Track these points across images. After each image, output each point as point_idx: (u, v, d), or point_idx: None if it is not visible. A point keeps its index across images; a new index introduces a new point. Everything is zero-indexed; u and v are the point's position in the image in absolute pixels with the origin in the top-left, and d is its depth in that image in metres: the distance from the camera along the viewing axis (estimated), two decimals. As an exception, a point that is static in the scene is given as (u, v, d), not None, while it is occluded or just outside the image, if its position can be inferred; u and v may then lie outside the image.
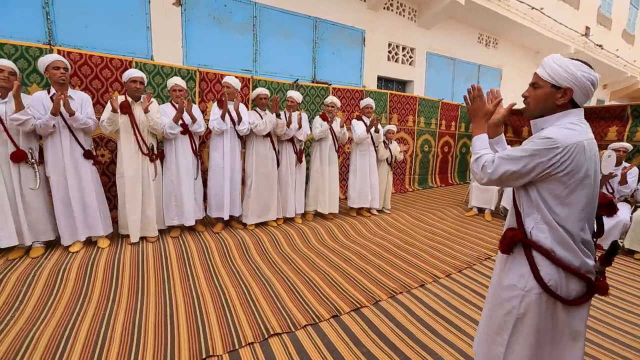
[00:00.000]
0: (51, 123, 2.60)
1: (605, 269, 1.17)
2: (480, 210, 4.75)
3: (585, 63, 1.13)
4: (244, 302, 2.27)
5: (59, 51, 3.25)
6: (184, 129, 3.21)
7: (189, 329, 1.97)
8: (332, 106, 4.00)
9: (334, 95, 5.25)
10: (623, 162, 3.74)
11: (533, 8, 7.97)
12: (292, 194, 3.86)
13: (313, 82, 5.43)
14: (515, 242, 1.20)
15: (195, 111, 3.27)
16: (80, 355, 1.72)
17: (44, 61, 2.66)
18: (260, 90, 3.58)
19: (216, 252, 3.00)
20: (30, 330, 1.90)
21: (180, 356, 1.74)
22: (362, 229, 3.91)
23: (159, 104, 3.31)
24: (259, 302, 2.28)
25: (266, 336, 1.92)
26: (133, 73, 2.95)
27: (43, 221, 2.77)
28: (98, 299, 2.27)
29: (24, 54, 3.14)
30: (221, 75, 4.23)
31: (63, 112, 2.67)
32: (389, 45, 6.66)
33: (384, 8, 6.37)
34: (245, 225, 3.63)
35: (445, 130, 7.07)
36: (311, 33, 5.39)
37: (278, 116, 3.48)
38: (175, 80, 3.19)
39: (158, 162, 3.19)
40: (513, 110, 1.36)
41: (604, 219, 1.23)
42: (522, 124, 6.07)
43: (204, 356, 1.75)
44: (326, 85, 5.22)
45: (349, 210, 4.38)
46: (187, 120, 3.20)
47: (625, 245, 3.45)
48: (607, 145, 3.90)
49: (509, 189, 4.32)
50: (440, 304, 2.38)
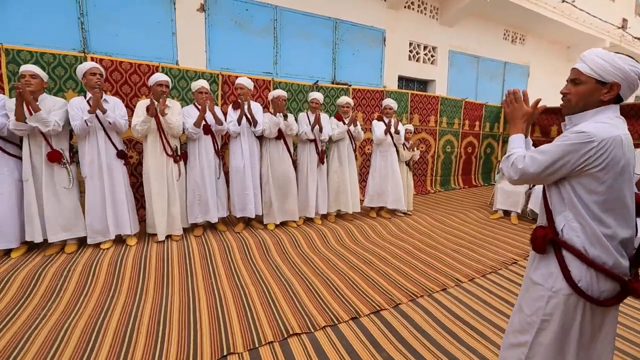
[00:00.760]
0: (87, 122, 2.75)
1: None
2: (506, 213, 4.58)
3: (628, 56, 1.08)
4: (264, 302, 2.31)
5: (92, 58, 3.43)
6: (207, 130, 3.30)
7: (210, 325, 2.02)
8: (347, 106, 3.99)
9: (354, 96, 5.24)
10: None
11: (564, 1, 7.62)
12: (313, 195, 3.87)
13: (333, 84, 5.43)
14: (548, 242, 1.15)
15: (218, 112, 3.36)
16: (110, 346, 1.81)
17: (82, 68, 2.82)
18: (278, 92, 3.61)
19: (237, 252, 3.06)
20: (66, 321, 2.02)
21: (203, 351, 1.79)
22: (382, 231, 3.87)
23: (183, 107, 3.43)
24: (278, 302, 2.31)
25: (285, 336, 1.94)
26: (159, 77, 3.07)
27: (76, 219, 2.93)
28: (126, 293, 2.37)
29: (61, 62, 3.34)
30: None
31: (98, 113, 2.83)
32: (410, 44, 6.56)
33: (405, 7, 6.29)
34: (265, 226, 3.68)
35: (469, 130, 6.87)
36: (331, 34, 5.40)
37: (285, 117, 3.50)
38: (201, 83, 3.29)
39: (182, 163, 3.30)
40: (541, 109, 1.30)
41: (637, 220, 1.16)
42: (550, 123, 5.81)
43: (224, 353, 1.79)
44: (346, 86, 5.21)
45: (369, 212, 4.35)
46: (210, 120, 3.29)
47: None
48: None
49: (538, 191, 4.17)
50: (463, 308, 2.31)
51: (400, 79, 6.62)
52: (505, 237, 3.77)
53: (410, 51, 6.62)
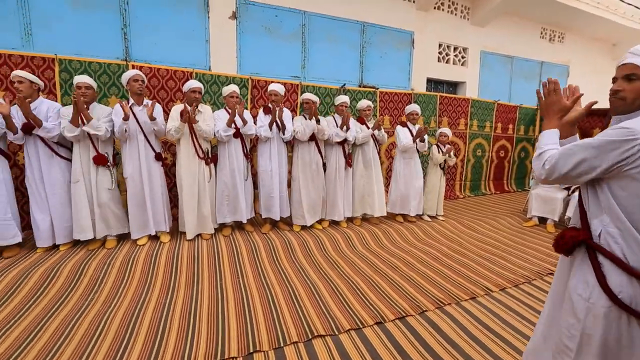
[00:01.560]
0: (124, 128, 2.94)
1: None
2: (542, 220, 4.35)
3: None
4: (289, 302, 2.35)
5: (133, 66, 3.66)
6: (236, 133, 3.41)
7: (238, 322, 2.09)
8: (369, 109, 3.97)
9: (381, 99, 5.21)
10: None
11: (608, -4, 7.14)
12: (339, 198, 3.89)
13: (360, 87, 5.43)
14: (576, 243, 1.07)
15: (246, 115, 3.46)
16: (145, 336, 1.92)
17: (126, 75, 3.02)
18: (305, 95, 3.67)
19: (264, 252, 3.13)
20: (106, 311, 2.16)
21: (230, 347, 1.85)
22: (409, 236, 3.80)
23: (214, 111, 3.57)
24: (303, 303, 2.34)
25: (310, 337, 1.97)
26: (193, 84, 3.21)
27: (116, 217, 3.13)
28: (160, 287, 2.50)
29: (106, 70, 3.59)
30: (271, 82, 4.43)
31: (139, 117, 3.04)
32: (440, 45, 6.42)
33: (435, 8, 6.17)
34: (291, 227, 3.74)
35: (502, 133, 6.60)
36: (358, 37, 5.41)
37: (318, 122, 3.53)
38: (232, 87, 3.40)
39: (212, 165, 3.43)
40: (589, 106, 1.22)
41: None
42: (592, 126, 5.46)
43: (251, 350, 1.84)
44: (373, 89, 5.19)
45: (395, 216, 4.29)
46: (239, 124, 3.41)
47: None
48: None
49: (576, 197, 3.93)
50: (493, 319, 2.23)
51: (429, 81, 6.48)
52: (540, 246, 3.59)
53: (440, 53, 6.48)
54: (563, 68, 8.24)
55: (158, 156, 3.19)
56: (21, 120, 2.75)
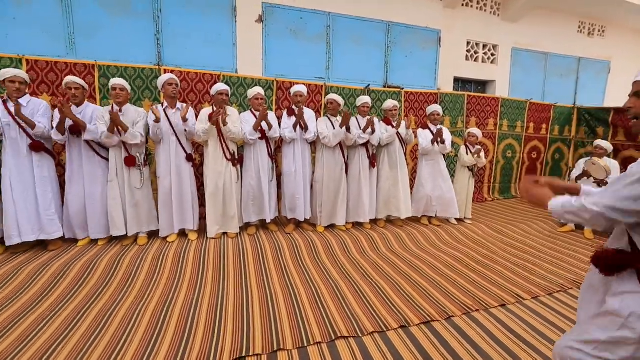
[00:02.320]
0: (156, 130, 3.07)
1: None
2: (579, 226, 4.11)
3: None
4: (313, 302, 2.36)
5: (165, 70, 3.82)
6: (262, 135, 3.48)
7: (262, 320, 2.12)
8: (395, 109, 3.91)
9: (406, 99, 5.13)
10: None
11: (656, -14, 6.63)
12: (363, 199, 3.87)
13: (385, 87, 5.37)
14: (625, 266, 1.00)
15: (271, 118, 3.52)
16: (175, 330, 1.99)
17: (161, 79, 3.17)
18: (330, 96, 3.68)
19: (288, 252, 3.17)
20: (138, 304, 2.27)
21: (255, 344, 1.89)
22: (435, 239, 3.72)
23: (240, 113, 3.65)
24: (327, 304, 2.34)
25: (333, 338, 1.97)
26: (220, 87, 3.30)
27: (147, 215, 3.28)
28: (188, 283, 2.60)
29: (140, 74, 3.78)
30: (295, 83, 4.48)
31: (171, 119, 3.18)
32: (468, 43, 6.23)
33: (463, 5, 6.00)
34: (315, 228, 3.76)
35: (534, 133, 6.30)
36: (383, 37, 5.36)
37: (348, 130, 3.52)
38: (257, 90, 3.47)
39: (239, 167, 3.51)
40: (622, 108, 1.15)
41: None
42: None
43: (275, 348, 1.87)
44: (398, 90, 5.12)
45: (420, 218, 4.21)
46: (265, 126, 3.47)
47: None
48: None
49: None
50: (525, 328, 2.13)
51: (456, 80, 6.30)
52: (576, 254, 3.39)
53: (468, 51, 6.28)
54: (603, 64, 7.75)
55: (189, 157, 3.32)
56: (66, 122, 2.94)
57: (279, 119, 3.68)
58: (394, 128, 3.84)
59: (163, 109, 3.16)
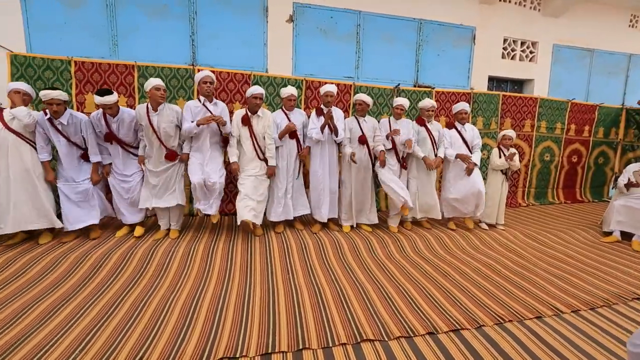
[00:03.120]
0: (194, 132, 3.16)
1: None
2: (625, 236, 3.81)
3: None
4: (338, 303, 2.35)
5: (198, 70, 3.95)
6: (292, 134, 3.51)
7: (288, 318, 2.14)
8: (432, 110, 3.80)
9: (437, 99, 4.98)
10: None
11: None
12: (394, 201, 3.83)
13: (415, 86, 5.24)
14: None
15: (302, 118, 3.53)
16: (203, 322, 2.05)
17: (198, 77, 3.23)
18: (359, 96, 3.64)
19: (313, 251, 3.18)
20: (169, 296, 2.36)
21: (281, 341, 1.90)
22: (463, 243, 3.59)
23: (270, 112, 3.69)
24: (352, 305, 2.32)
25: (359, 340, 1.95)
26: (255, 90, 3.32)
27: (179, 210, 3.40)
28: (217, 277, 2.67)
29: (175, 74, 3.93)
30: (324, 83, 4.48)
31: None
32: (505, 41, 5.95)
33: (500, 0, 5.73)
34: (341, 228, 3.74)
35: (575, 136, 5.92)
36: (415, 36, 5.23)
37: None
38: (291, 91, 3.48)
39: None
40: None
41: None
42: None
43: (300, 347, 1.88)
44: (429, 89, 4.98)
45: (448, 222, 4.08)
46: (299, 127, 3.52)
47: None
48: None
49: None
50: (563, 342, 2.01)
51: (491, 79, 6.04)
52: (622, 266, 3.15)
53: (505, 48, 6.00)
54: (657, 61, 7.13)
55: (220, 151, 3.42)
56: (103, 129, 3.13)
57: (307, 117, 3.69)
58: (428, 130, 3.76)
59: (202, 103, 3.23)
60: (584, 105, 5.89)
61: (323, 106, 3.57)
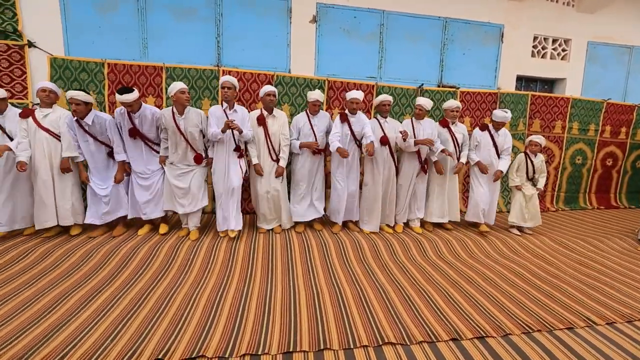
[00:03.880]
0: (218, 137, 3.20)
1: None
2: (666, 245, 3.58)
3: None
4: (359, 304, 2.34)
5: (223, 71, 4.04)
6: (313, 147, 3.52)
7: (309, 317, 2.15)
8: (457, 110, 3.70)
9: (462, 99, 4.86)
10: None
11: None
12: (413, 203, 3.79)
13: (439, 86, 5.13)
14: None
15: (327, 121, 3.52)
16: (227, 317, 2.09)
17: (220, 81, 3.23)
18: (383, 97, 3.59)
19: (334, 252, 3.18)
20: (194, 292, 2.43)
21: (302, 341, 1.91)
22: (488, 248, 3.48)
23: (292, 112, 3.72)
24: (373, 307, 2.30)
25: (380, 343, 1.93)
26: (267, 88, 3.35)
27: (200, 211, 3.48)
28: (239, 275, 2.72)
29: (201, 75, 4.03)
30: (347, 83, 4.47)
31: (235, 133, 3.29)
32: (535, 38, 5.71)
33: (531, -3, 5.50)
34: (361, 229, 3.72)
35: (610, 138, 5.62)
36: (440, 34, 5.12)
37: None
38: (316, 96, 3.44)
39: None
40: None
41: None
42: None
43: (321, 347, 1.88)
44: (453, 89, 4.87)
45: (470, 225, 3.98)
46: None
47: None
48: None
49: None
50: (596, 355, 1.91)
51: (519, 79, 5.82)
52: (663, 277, 2.96)
53: (535, 46, 5.76)
54: None
55: (240, 154, 3.44)
56: (127, 125, 3.19)
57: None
58: (451, 132, 3.68)
59: (223, 109, 3.26)
60: (621, 106, 5.58)
61: (348, 112, 3.53)
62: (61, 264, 2.75)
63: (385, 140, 3.54)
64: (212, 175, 3.37)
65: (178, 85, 3.06)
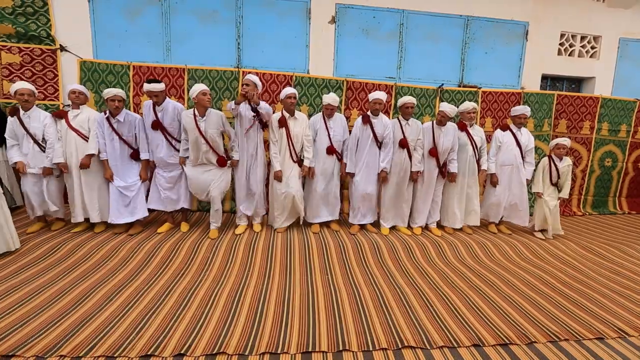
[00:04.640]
0: (232, 107, 3.25)
1: None
2: None
3: None
4: (378, 307, 2.32)
5: (243, 72, 4.10)
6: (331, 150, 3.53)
7: (327, 318, 2.15)
8: (474, 112, 3.62)
9: (484, 100, 4.74)
10: None
11: None
12: (430, 205, 3.74)
13: (460, 86, 5.03)
14: None
15: (341, 122, 3.51)
16: (246, 316, 2.12)
17: (243, 79, 3.30)
18: (407, 99, 3.52)
19: (352, 253, 3.17)
20: (214, 289, 2.47)
21: (321, 342, 1.91)
22: (510, 252, 3.38)
23: (310, 112, 3.73)
24: (392, 310, 2.28)
25: (400, 346, 1.91)
26: (289, 90, 3.36)
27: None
28: (257, 274, 2.75)
29: (222, 76, 4.11)
30: (365, 83, 4.44)
31: (244, 114, 3.36)
32: (562, 36, 5.50)
33: (558, -8, 5.31)
34: (379, 230, 3.69)
35: (644, 139, 5.34)
36: (461, 33, 5.01)
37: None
38: (330, 100, 3.42)
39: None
40: None
41: None
42: None
43: (340, 348, 1.87)
44: (475, 89, 4.76)
45: (488, 225, 3.92)
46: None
47: None
48: None
49: None
50: (630, 368, 1.82)
51: (544, 78, 5.62)
52: (702, 287, 2.79)
53: (562, 44, 5.54)
54: None
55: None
56: (151, 117, 3.26)
57: (348, 119, 3.67)
58: (468, 134, 3.61)
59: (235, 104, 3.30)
60: (656, 106, 5.29)
61: (370, 113, 3.51)
62: (88, 260, 2.87)
63: (404, 143, 3.50)
64: (236, 186, 3.43)
65: (200, 87, 3.11)
